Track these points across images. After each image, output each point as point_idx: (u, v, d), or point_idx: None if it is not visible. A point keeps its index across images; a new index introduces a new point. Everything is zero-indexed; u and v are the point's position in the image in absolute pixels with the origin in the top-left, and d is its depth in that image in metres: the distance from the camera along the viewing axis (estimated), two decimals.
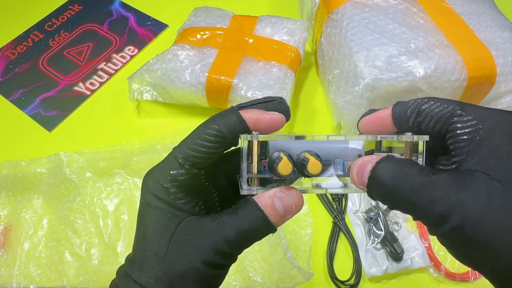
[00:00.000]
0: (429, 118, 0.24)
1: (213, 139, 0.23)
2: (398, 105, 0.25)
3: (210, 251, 0.23)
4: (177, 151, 0.24)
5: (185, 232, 0.23)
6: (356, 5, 0.55)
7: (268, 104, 0.26)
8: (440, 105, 0.24)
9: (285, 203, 0.24)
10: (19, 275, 0.48)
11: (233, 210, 0.24)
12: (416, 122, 0.24)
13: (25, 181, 0.54)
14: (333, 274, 0.49)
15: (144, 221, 0.25)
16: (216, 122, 0.24)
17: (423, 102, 0.24)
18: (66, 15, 0.76)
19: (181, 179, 0.24)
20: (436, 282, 0.49)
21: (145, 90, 0.61)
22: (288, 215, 0.24)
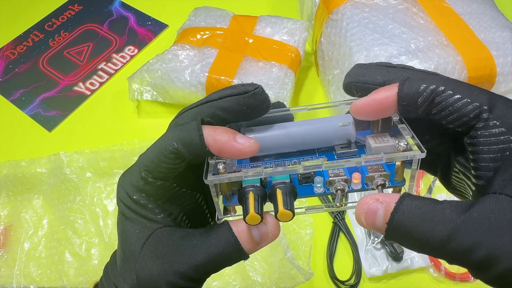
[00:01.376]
0: (446, 113, 0.20)
1: (172, 156, 0.21)
2: (406, 85, 0.20)
3: (175, 275, 0.21)
4: (140, 163, 0.22)
5: (153, 246, 0.22)
6: (356, 5, 0.55)
7: (240, 97, 0.22)
8: (461, 98, 0.19)
9: (262, 231, 0.22)
10: (19, 275, 0.48)
11: (206, 232, 0.22)
12: (428, 112, 0.20)
13: (25, 181, 0.54)
14: (333, 274, 0.49)
15: (120, 229, 0.23)
16: (175, 137, 0.21)
17: (440, 91, 0.20)
18: (66, 15, 0.76)
19: (148, 190, 0.22)
20: (436, 282, 0.49)
21: (145, 90, 0.61)
22: (263, 243, 0.22)
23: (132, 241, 0.22)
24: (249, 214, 0.20)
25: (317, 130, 0.24)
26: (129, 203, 0.22)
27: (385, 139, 0.23)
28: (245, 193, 0.21)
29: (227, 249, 0.21)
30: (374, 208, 0.19)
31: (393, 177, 0.23)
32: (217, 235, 0.22)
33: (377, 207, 0.19)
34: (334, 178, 0.22)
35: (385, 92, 0.21)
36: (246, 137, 0.21)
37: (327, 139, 0.24)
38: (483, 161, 0.19)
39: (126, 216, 0.23)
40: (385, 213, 0.19)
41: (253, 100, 0.22)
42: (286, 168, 0.21)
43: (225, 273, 0.48)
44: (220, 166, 0.22)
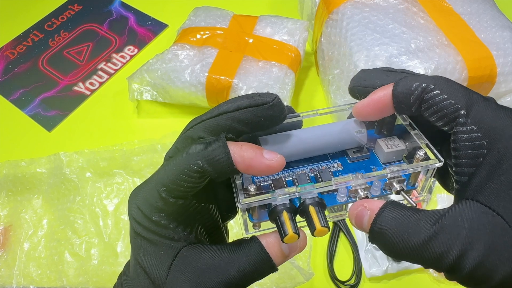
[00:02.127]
0: (431, 111, 0.21)
1: (197, 175, 0.20)
2: (400, 84, 0.21)
3: None
4: (159, 182, 0.21)
5: (183, 266, 0.21)
6: (356, 5, 0.55)
7: (258, 109, 0.21)
8: (446, 98, 0.20)
9: (291, 245, 0.22)
10: (19, 275, 0.48)
11: (235, 248, 0.22)
12: (419, 110, 0.21)
13: (25, 181, 0.54)
14: (333, 274, 0.49)
15: (138, 252, 0.22)
16: (200, 155, 0.20)
17: (429, 89, 0.20)
18: (66, 15, 0.76)
19: (168, 210, 0.21)
20: (436, 282, 0.49)
21: (145, 90, 0.61)
22: (291, 255, 0.23)
23: (157, 264, 0.21)
24: (288, 235, 0.21)
25: (333, 137, 0.25)
26: (148, 224, 0.21)
27: (395, 143, 0.24)
28: (278, 212, 0.21)
29: (259, 264, 0.21)
30: (361, 214, 0.21)
31: (407, 182, 0.24)
32: (248, 251, 0.21)
33: (364, 213, 0.20)
34: (357, 188, 0.23)
35: (382, 92, 0.22)
36: (272, 153, 0.21)
37: (341, 145, 0.25)
38: (460, 166, 0.20)
39: (145, 238, 0.22)
40: (369, 219, 0.20)
41: (272, 111, 0.21)
42: (320, 185, 0.22)
43: None
44: (251, 188, 0.21)
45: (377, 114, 0.23)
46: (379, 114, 0.23)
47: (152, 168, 0.55)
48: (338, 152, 0.25)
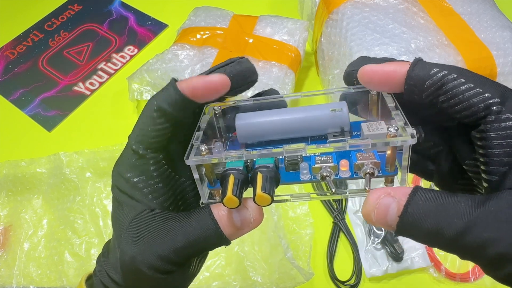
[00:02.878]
0: (455, 101, 0.19)
1: (156, 114, 0.22)
2: (417, 67, 0.20)
3: (155, 257, 0.21)
4: (130, 138, 0.23)
5: (136, 228, 0.22)
6: (356, 5, 0.55)
7: (226, 67, 0.23)
8: (473, 87, 0.18)
9: (243, 216, 0.21)
10: (19, 275, 0.48)
11: (187, 215, 0.22)
12: (434, 97, 0.20)
13: (25, 181, 0.54)
14: (333, 274, 0.49)
15: (112, 215, 0.24)
16: (156, 97, 0.22)
17: (451, 77, 0.19)
18: (66, 15, 0.76)
19: (139, 165, 0.22)
20: (436, 282, 0.49)
21: (145, 90, 0.61)
22: (245, 229, 0.21)
23: (120, 223, 0.22)
24: (226, 196, 0.20)
25: (309, 116, 0.23)
26: (121, 183, 0.23)
27: (379, 126, 0.22)
28: (226, 175, 0.21)
29: (206, 233, 0.21)
30: (386, 203, 0.18)
31: (384, 166, 0.21)
32: (197, 219, 0.21)
33: (389, 201, 0.18)
34: (321, 165, 0.21)
35: (396, 66, 0.21)
36: (216, 74, 0.22)
37: (319, 127, 0.23)
38: (496, 156, 0.18)
39: (118, 200, 0.23)
40: (398, 207, 0.18)
41: (239, 67, 0.23)
42: (269, 151, 0.20)
43: (225, 273, 0.48)
44: (202, 147, 0.21)
45: (381, 85, 0.21)
46: (383, 86, 0.21)
47: None
48: (320, 136, 0.24)
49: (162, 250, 0.21)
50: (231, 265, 0.48)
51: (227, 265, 0.48)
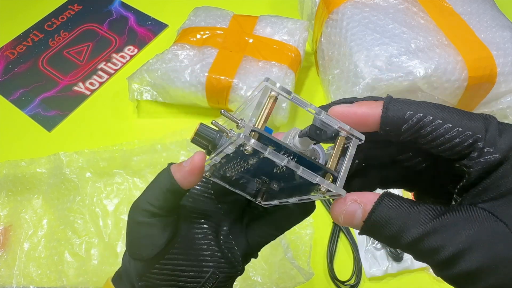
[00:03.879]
0: (436, 143, 0.19)
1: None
2: (390, 109, 0.19)
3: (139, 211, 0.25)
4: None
5: None
6: (356, 5, 0.55)
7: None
8: (452, 127, 0.19)
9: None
10: (19, 275, 0.48)
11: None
12: (412, 138, 0.20)
13: (25, 181, 0.54)
14: (333, 274, 0.49)
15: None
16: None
17: (428, 120, 0.19)
18: (66, 15, 0.76)
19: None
20: (436, 282, 0.49)
21: (145, 90, 0.61)
22: (186, 167, 0.24)
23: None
24: None
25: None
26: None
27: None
28: None
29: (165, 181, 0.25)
30: (352, 209, 0.20)
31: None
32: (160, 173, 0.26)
33: (355, 208, 0.20)
34: None
35: (369, 108, 0.20)
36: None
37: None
38: (474, 183, 0.19)
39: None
40: (363, 214, 0.20)
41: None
42: None
43: None
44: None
45: (354, 127, 0.21)
46: (357, 127, 0.21)
47: (152, 168, 0.55)
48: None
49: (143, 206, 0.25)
50: None
51: None
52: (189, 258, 0.27)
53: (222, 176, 0.27)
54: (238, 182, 0.26)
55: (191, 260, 0.27)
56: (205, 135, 0.24)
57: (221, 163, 0.24)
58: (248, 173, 0.24)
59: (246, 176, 0.25)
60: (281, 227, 0.29)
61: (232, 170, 0.25)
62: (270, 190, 0.25)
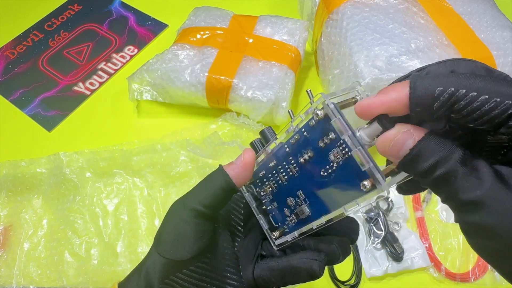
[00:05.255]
0: (472, 117, 0.18)
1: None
2: (418, 88, 0.18)
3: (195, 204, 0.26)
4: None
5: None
6: (356, 5, 0.55)
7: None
8: (488, 99, 0.17)
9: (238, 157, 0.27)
10: (19, 275, 0.48)
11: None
12: (446, 114, 0.19)
13: (25, 181, 0.54)
14: (333, 274, 0.49)
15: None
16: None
17: (461, 94, 0.17)
18: (66, 15, 0.76)
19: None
20: (436, 282, 0.49)
21: (145, 90, 0.61)
22: (239, 164, 0.26)
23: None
24: None
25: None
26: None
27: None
28: None
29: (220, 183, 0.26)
30: (404, 137, 0.19)
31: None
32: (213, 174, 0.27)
33: (407, 137, 0.19)
34: None
35: (395, 93, 0.19)
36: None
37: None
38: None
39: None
40: (413, 143, 0.19)
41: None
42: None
43: None
44: None
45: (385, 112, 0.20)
46: (388, 112, 0.20)
47: (152, 168, 0.55)
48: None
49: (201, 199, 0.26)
50: None
51: None
52: (216, 272, 0.26)
53: (254, 194, 0.29)
54: (265, 207, 0.29)
55: (216, 274, 0.26)
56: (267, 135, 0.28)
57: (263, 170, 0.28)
58: (285, 188, 0.27)
59: (280, 197, 0.27)
60: (283, 279, 0.28)
61: (271, 182, 0.27)
62: (299, 213, 0.26)
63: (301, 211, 0.26)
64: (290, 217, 0.27)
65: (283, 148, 0.26)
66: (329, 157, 0.23)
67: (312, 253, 0.27)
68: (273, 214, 0.28)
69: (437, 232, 0.52)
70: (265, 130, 0.28)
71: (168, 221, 0.26)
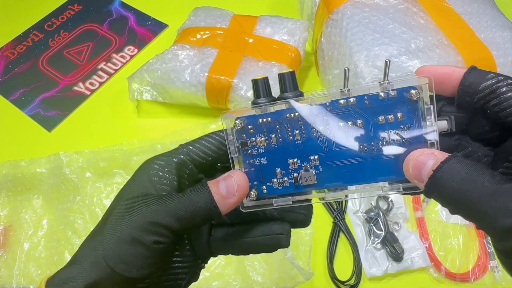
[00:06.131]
0: (506, 105, 0.20)
1: (214, 141, 0.26)
2: (473, 72, 0.21)
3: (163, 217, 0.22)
4: (183, 148, 0.26)
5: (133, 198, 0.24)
6: (356, 5, 0.55)
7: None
8: None
9: (228, 183, 0.23)
10: (19, 275, 0.48)
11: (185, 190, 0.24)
12: (485, 101, 0.21)
13: (25, 181, 0.54)
14: (333, 274, 0.49)
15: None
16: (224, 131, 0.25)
17: (506, 83, 0.20)
18: (66, 15, 0.76)
19: (171, 159, 0.25)
20: (436, 282, 0.49)
21: (145, 90, 0.61)
22: (230, 197, 0.23)
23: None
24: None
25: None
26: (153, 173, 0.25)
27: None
28: None
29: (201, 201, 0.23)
30: (426, 158, 0.20)
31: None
32: (194, 189, 0.23)
33: (429, 157, 0.20)
34: None
35: (454, 69, 0.22)
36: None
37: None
38: None
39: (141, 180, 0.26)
40: (434, 163, 0.20)
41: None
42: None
43: (225, 273, 0.48)
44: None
45: (437, 84, 0.22)
46: (439, 85, 0.22)
47: None
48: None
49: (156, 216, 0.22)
50: (231, 265, 0.48)
51: (227, 265, 0.48)
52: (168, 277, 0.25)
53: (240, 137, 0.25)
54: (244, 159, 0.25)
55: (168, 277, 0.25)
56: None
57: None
58: (295, 147, 0.24)
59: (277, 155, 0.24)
60: (245, 252, 0.26)
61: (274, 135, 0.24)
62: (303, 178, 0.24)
63: (308, 177, 0.24)
64: (282, 179, 0.24)
65: (321, 106, 0.23)
66: (382, 136, 0.22)
67: (276, 226, 0.26)
68: (251, 171, 0.25)
69: (437, 232, 0.52)
70: (287, 75, 0.24)
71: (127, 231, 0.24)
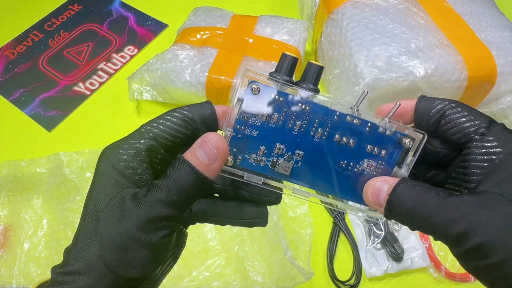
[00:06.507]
0: (451, 125, 0.24)
1: (184, 122, 0.24)
2: (423, 100, 0.25)
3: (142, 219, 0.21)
4: (144, 124, 0.24)
5: (120, 200, 0.22)
6: (356, 5, 0.55)
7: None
8: (467, 115, 0.24)
9: (206, 150, 0.23)
10: (19, 275, 0.48)
11: (165, 173, 0.23)
12: (436, 123, 0.24)
13: (25, 181, 0.54)
14: (333, 274, 0.49)
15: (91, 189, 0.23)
16: (191, 110, 0.24)
17: (450, 106, 0.24)
18: (66, 15, 0.76)
19: (139, 147, 0.23)
20: (436, 282, 0.49)
21: (145, 90, 0.61)
22: (214, 163, 0.23)
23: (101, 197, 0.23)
24: None
25: None
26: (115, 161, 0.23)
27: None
28: None
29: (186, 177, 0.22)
30: (381, 185, 0.24)
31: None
32: (174, 168, 0.23)
33: (383, 184, 0.24)
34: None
35: (406, 101, 0.26)
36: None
37: None
38: (476, 168, 0.23)
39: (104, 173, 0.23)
40: (388, 189, 0.23)
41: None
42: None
43: (225, 273, 0.48)
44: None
45: (395, 116, 0.26)
46: (397, 117, 0.26)
47: None
48: None
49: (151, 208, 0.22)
50: (231, 265, 0.48)
51: (227, 265, 0.48)
52: None
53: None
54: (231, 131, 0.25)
55: None
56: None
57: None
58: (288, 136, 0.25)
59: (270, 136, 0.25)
60: (223, 224, 0.28)
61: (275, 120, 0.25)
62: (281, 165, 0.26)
63: (285, 167, 0.25)
64: (261, 157, 0.25)
65: (331, 112, 0.26)
66: (362, 162, 0.26)
67: (256, 211, 0.28)
68: (237, 136, 0.25)
69: None
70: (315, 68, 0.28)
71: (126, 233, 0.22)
